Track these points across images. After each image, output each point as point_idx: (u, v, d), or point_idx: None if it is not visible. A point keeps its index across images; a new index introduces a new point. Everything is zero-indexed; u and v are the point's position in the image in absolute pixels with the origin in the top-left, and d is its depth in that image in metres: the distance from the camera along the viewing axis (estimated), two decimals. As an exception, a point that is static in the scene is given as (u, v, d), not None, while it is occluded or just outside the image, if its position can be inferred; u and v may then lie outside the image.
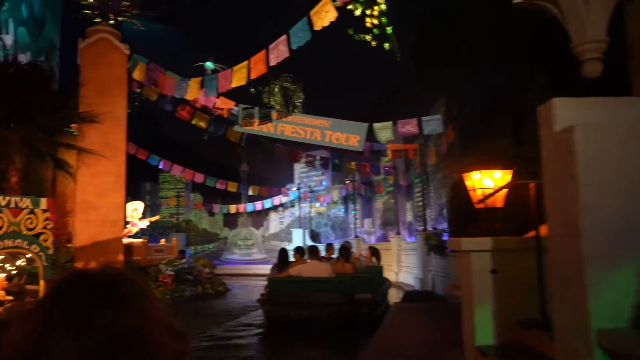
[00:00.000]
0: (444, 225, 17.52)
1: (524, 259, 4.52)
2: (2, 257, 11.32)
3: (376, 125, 14.63)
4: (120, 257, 14.77)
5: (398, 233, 22.75)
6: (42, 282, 10.95)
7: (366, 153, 17.60)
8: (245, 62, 13.18)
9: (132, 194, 24.86)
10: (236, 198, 33.60)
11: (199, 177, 28.41)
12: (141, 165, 26.67)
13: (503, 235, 4.97)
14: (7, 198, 10.62)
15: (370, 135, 14.71)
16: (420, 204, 21.84)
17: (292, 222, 34.02)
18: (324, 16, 11.16)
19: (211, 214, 37.13)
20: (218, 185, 29.06)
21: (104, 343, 0.66)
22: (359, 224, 31.20)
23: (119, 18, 18.04)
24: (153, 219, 22.97)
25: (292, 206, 34.01)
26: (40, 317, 0.70)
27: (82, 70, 15.29)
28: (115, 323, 0.68)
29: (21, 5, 18.31)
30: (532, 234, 4.52)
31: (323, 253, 12.61)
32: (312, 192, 32.44)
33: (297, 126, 14.90)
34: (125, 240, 17.75)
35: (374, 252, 14.04)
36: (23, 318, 0.74)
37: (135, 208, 20.88)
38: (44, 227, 11.19)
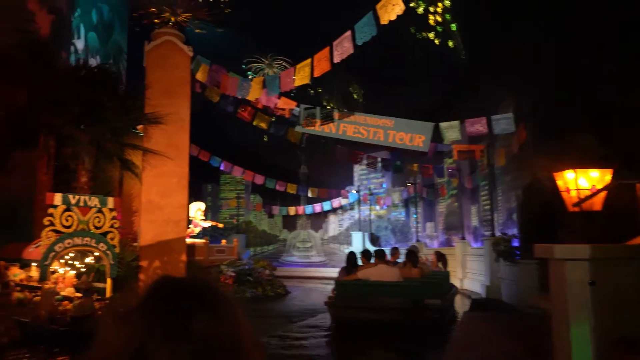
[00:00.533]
0: (513, 231, 16.65)
1: (628, 269, 3.99)
2: (72, 254, 11.69)
3: (442, 125, 14.08)
4: (183, 257, 14.95)
5: (463, 238, 21.95)
6: (109, 280, 11.19)
7: (430, 154, 17.03)
8: (308, 60, 13.02)
9: (194, 195, 25.37)
10: (295, 200, 33.70)
11: (259, 179, 28.67)
12: (203, 167, 27.22)
13: (601, 242, 4.44)
14: (77, 197, 10.93)
15: (435, 136, 14.18)
16: (487, 207, 20.95)
17: (352, 225, 33.65)
18: (391, 9, 10.79)
19: (270, 215, 37.38)
20: (277, 187, 29.22)
21: (200, 348, 0.70)
22: (421, 228, 30.44)
23: (182, 23, 18.39)
24: (218, 224, 23.31)
25: (352, 209, 33.69)
26: (139, 321, 0.74)
27: (148, 73, 15.64)
28: (212, 329, 0.72)
29: (91, 11, 19.07)
30: (638, 240, 3.99)
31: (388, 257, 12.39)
32: (371, 194, 31.98)
33: (359, 126, 14.59)
34: (188, 241, 18.02)
35: (440, 257, 13.64)
36: (121, 322, 0.77)
37: (199, 209, 21.21)
38: (111, 226, 11.44)
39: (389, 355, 8.21)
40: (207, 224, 20.53)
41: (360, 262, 11.08)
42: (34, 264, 11.15)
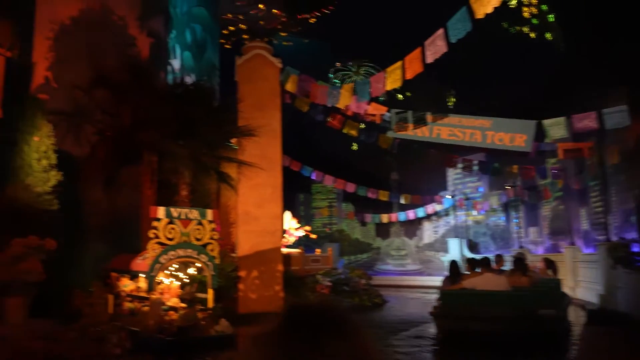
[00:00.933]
0: (632, 235, 15.15)
1: None
2: (175, 266, 12.16)
3: (546, 122, 13.10)
4: (280, 267, 15.09)
5: (572, 243, 20.35)
6: (210, 291, 11.48)
7: (532, 154, 15.97)
8: (399, 63, 12.69)
9: (287, 205, 25.76)
10: (388, 207, 33.14)
11: (350, 187, 28.57)
12: (295, 177, 27.62)
13: None
14: (178, 210, 11.33)
15: (537, 134, 13.23)
16: (599, 209, 19.29)
17: (448, 231, 32.48)
18: (487, 2, 10.20)
19: (363, 223, 37.12)
20: (369, 195, 28.96)
21: None
22: (523, 233, 28.71)
23: (270, 38, 18.78)
24: (310, 234, 23.46)
25: (447, 215, 32.57)
26: (278, 347, 0.83)
27: (240, 86, 16.05)
28: (344, 356, 0.76)
29: (185, 31, 20.05)
30: None
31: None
32: (467, 199, 30.71)
33: (454, 128, 13.98)
34: (284, 250, 18.21)
35: (549, 264, 12.87)
36: (263, 345, 0.87)
37: (294, 218, 21.44)
38: (211, 238, 11.74)
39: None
40: (301, 232, 20.67)
41: (465, 271, 10.90)
42: (142, 275, 11.69)
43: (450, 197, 31.20)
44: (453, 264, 11.00)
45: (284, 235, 20.75)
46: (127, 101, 14.29)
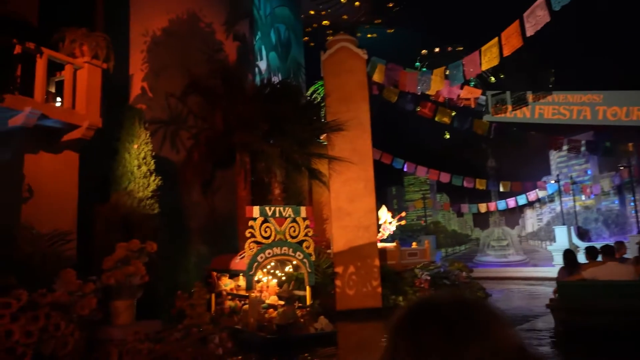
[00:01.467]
0: None
1: None
2: (272, 264, 12.25)
3: None
4: (376, 262, 14.77)
5: None
6: (308, 288, 11.43)
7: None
8: (495, 40, 11.84)
9: (379, 199, 25.35)
10: (485, 196, 31.64)
11: (445, 177, 27.57)
12: (386, 170, 27.13)
13: None
14: (272, 208, 11.35)
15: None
16: None
17: (553, 218, 30.41)
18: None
19: (459, 214, 35.80)
20: (465, 184, 27.77)
21: None
22: (642, 217, 26.18)
23: (354, 31, 18.47)
24: (402, 221, 22.85)
25: (551, 201, 30.50)
26: (391, 343, 0.75)
27: (326, 81, 15.89)
28: (488, 354, 0.66)
29: (270, 32, 20.27)
30: None
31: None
32: (574, 183, 28.50)
33: (559, 106, 12.84)
34: (379, 245, 17.86)
35: None
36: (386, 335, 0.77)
37: (388, 212, 21.01)
38: (305, 235, 11.67)
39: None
40: (394, 226, 20.19)
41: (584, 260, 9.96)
42: (241, 274, 11.89)
43: (554, 182, 29.12)
44: (568, 253, 10.34)
45: (379, 229, 20.40)
46: (218, 105, 14.65)
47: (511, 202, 29.93)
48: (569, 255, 10.25)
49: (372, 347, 10.34)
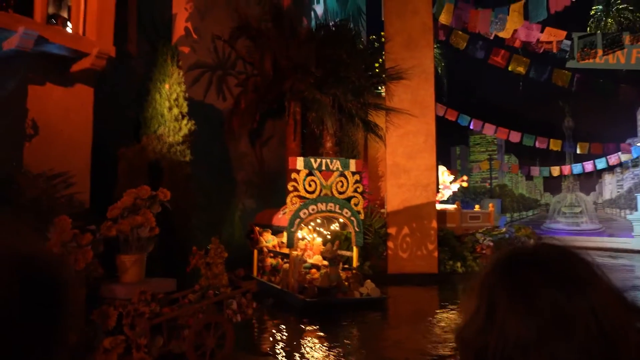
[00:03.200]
0: None
1: None
2: (318, 221, 11.30)
3: None
4: (434, 224, 13.55)
5: None
6: (355, 249, 10.43)
7: None
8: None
9: (441, 159, 23.80)
10: (559, 159, 29.13)
11: (515, 137, 25.37)
12: (450, 128, 25.37)
13: None
14: (319, 160, 10.30)
15: None
16: None
17: (636, 185, 27.70)
18: None
19: (529, 177, 33.47)
20: (537, 144, 25.46)
21: (547, 324, 0.63)
22: None
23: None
24: (463, 182, 21.24)
25: (635, 165, 27.70)
26: (484, 292, 0.70)
27: (386, 24, 14.40)
28: (559, 304, 0.64)
29: (329, -27, 18.76)
30: None
31: None
32: (664, 146, 25.52)
33: (662, 50, 10.83)
34: (438, 207, 16.55)
35: None
36: (468, 295, 0.74)
37: (446, 171, 19.52)
38: (355, 191, 10.57)
39: None
40: (456, 186, 18.70)
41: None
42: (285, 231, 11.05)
43: (640, 144, 26.22)
44: None
45: (438, 189, 19.01)
46: (268, 50, 13.58)
47: (588, 166, 27.30)
48: None
49: (422, 316, 9.29)
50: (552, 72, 15.12)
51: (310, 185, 9.89)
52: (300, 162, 9.99)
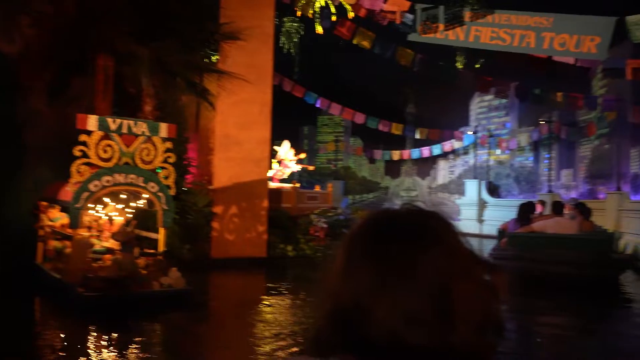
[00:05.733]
0: None
1: None
2: (123, 196, 9.40)
3: (631, 19, 9.72)
4: (265, 203, 12.35)
5: (618, 188, 17.37)
6: (161, 231, 8.76)
7: (591, 72, 12.66)
8: None
9: (290, 138, 22.89)
10: (400, 144, 30.23)
11: (359, 118, 25.32)
12: (299, 107, 24.58)
13: None
14: (118, 121, 8.37)
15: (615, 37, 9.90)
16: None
17: (465, 172, 29.68)
18: None
19: (372, 160, 34.55)
20: (380, 127, 25.72)
21: (394, 271, 0.68)
22: (554, 175, 25.65)
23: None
24: (308, 167, 20.51)
25: (466, 153, 29.59)
26: (346, 244, 0.73)
27: (224, -25, 12.71)
28: (407, 255, 0.69)
29: None
30: None
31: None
32: (492, 136, 27.43)
33: (499, 29, 10.66)
34: (274, 185, 15.46)
35: (584, 210, 10.93)
36: (335, 250, 0.77)
37: (291, 148, 18.55)
38: (165, 161, 8.90)
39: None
40: (297, 167, 17.81)
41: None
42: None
43: (472, 133, 27.92)
44: (524, 206, 10.77)
45: (279, 167, 17.98)
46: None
47: (425, 152, 28.53)
48: (525, 208, 10.58)
49: (241, 311, 8.00)
50: (397, 50, 14.72)
51: (105, 152, 7.98)
52: (92, 121, 8.06)
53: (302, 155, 20.47)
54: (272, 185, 15.09)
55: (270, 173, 17.42)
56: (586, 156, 23.56)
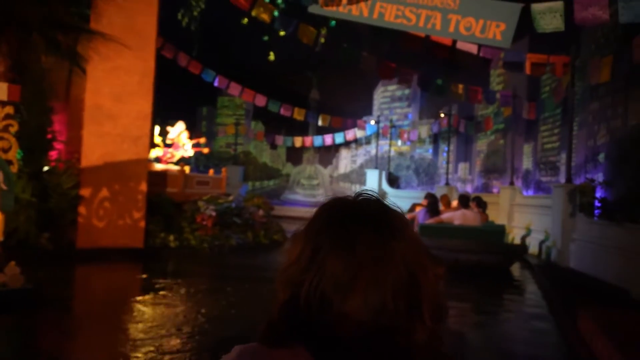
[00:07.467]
0: (597, 176, 12.53)
1: None
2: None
3: (536, 8, 9.51)
4: (143, 187, 10.96)
5: (511, 183, 17.79)
6: (0, 216, 7.24)
7: (492, 65, 12.59)
8: None
9: (186, 118, 21.28)
10: (303, 130, 29.43)
11: (260, 100, 24.18)
12: (198, 87, 23.01)
13: None
14: (-64, 77, 6.72)
15: (520, 24, 9.68)
16: (551, 146, 16.70)
17: (367, 161, 29.55)
18: None
19: (273, 146, 33.42)
20: (282, 111, 24.77)
21: (362, 263, 0.69)
22: (452, 168, 26.19)
23: None
24: (203, 150, 19.05)
25: (368, 143, 29.53)
26: (310, 236, 0.75)
27: None
28: (375, 248, 0.70)
29: None
30: None
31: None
32: (393, 127, 27.47)
33: (405, 7, 10.06)
34: (160, 167, 14.02)
35: (481, 204, 11.43)
36: (294, 240, 0.78)
37: (184, 130, 17.06)
38: (4, 130, 7.37)
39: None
40: (191, 151, 16.38)
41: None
42: None
43: (374, 122, 27.81)
44: (432, 197, 11.55)
45: (170, 148, 16.47)
46: None
47: (328, 139, 28.04)
48: (433, 200, 11.38)
49: (104, 312, 6.72)
50: (298, 26, 13.81)
51: None
52: None
53: (202, 140, 19.07)
54: (158, 167, 13.63)
55: (157, 154, 15.89)
56: (482, 150, 24.44)
